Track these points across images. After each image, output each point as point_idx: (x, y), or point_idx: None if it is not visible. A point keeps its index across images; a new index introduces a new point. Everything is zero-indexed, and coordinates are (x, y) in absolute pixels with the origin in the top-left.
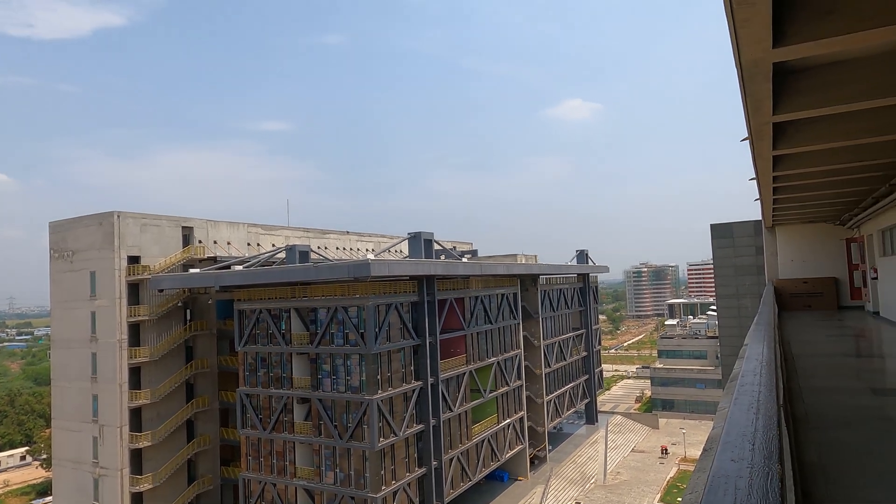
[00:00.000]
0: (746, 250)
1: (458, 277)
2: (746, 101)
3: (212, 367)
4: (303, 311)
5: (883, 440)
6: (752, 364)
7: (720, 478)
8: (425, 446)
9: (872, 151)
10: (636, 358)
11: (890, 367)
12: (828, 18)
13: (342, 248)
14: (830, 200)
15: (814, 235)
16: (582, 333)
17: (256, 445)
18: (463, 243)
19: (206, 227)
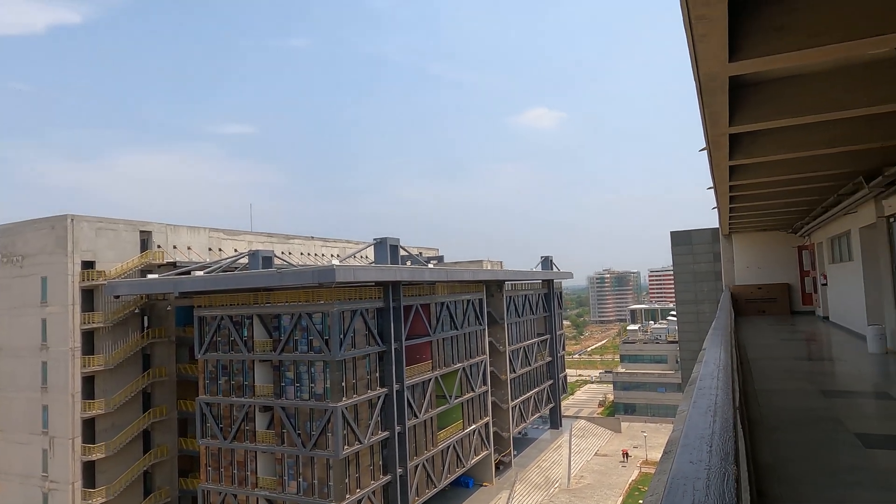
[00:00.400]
0: (704, 257)
1: (425, 283)
2: (704, 112)
3: (170, 376)
4: (266, 318)
5: (832, 440)
6: (709, 368)
7: (679, 479)
8: (390, 453)
9: (822, 163)
10: (599, 363)
11: (839, 370)
12: (779, 35)
13: (307, 253)
14: (783, 209)
15: (768, 243)
16: (547, 339)
17: (216, 455)
18: (429, 249)
19: (165, 232)
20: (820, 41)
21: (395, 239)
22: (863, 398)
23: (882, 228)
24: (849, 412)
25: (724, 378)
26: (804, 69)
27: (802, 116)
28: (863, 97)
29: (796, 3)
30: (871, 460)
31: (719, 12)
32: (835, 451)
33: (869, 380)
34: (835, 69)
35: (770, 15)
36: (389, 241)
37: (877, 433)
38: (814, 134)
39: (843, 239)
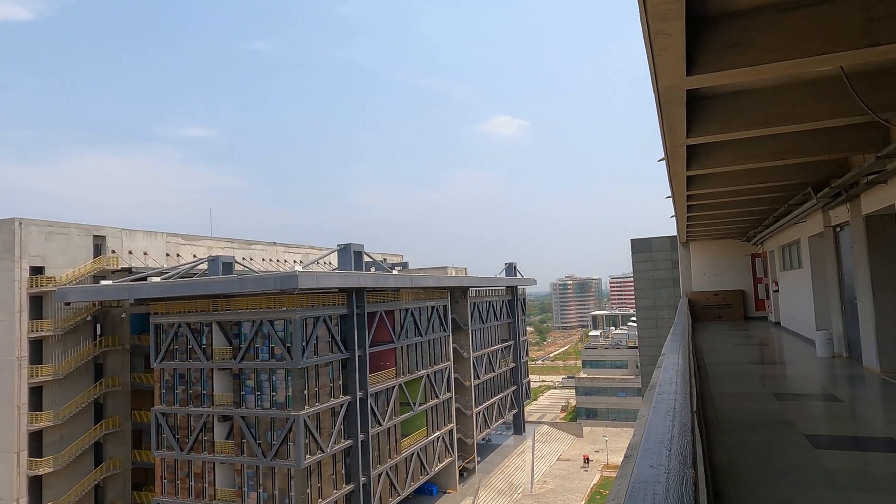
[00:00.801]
0: (663, 264)
1: (389, 290)
2: (663, 124)
3: (124, 386)
4: (225, 325)
5: (783, 441)
6: (668, 374)
7: (640, 484)
8: (353, 462)
9: (773, 174)
10: (562, 368)
11: (789, 373)
12: (733, 51)
13: (269, 259)
14: (738, 218)
15: (723, 251)
16: (510, 345)
17: (172, 467)
18: (393, 255)
19: (120, 236)
20: (771, 58)
21: (359, 245)
22: (812, 400)
23: (829, 237)
24: (799, 414)
25: (683, 383)
26: (756, 84)
27: (754, 129)
28: (810, 112)
29: (750, 21)
30: (819, 460)
31: (677, 28)
32: (786, 452)
33: (817, 383)
34: (784, 85)
35: (725, 32)
36: (353, 248)
37: (824, 434)
38: (765, 146)
39: (794, 247)
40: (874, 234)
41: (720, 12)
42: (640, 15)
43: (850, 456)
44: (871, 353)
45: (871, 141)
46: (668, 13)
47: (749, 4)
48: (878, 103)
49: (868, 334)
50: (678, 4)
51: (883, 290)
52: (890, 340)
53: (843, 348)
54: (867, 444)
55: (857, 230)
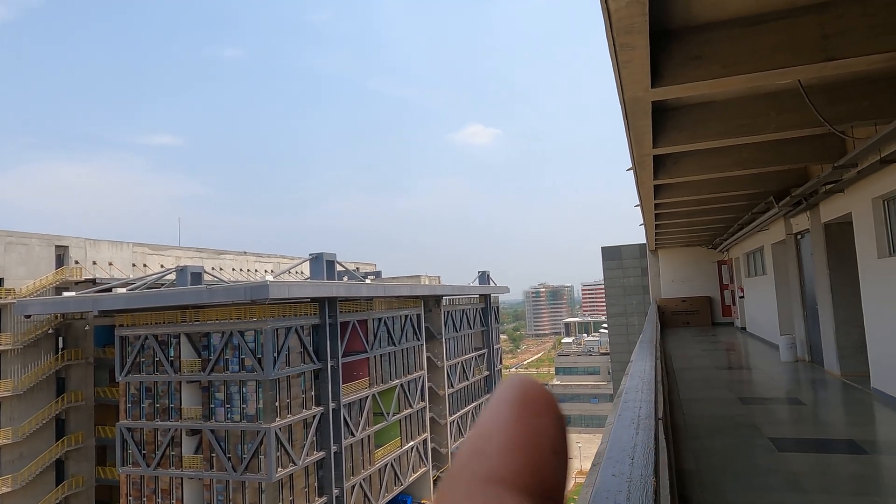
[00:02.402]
0: (633, 271)
1: (362, 299)
2: (630, 134)
3: (87, 400)
4: (194, 337)
5: (749, 445)
6: (634, 381)
7: (602, 493)
8: (326, 474)
9: (736, 184)
10: (536, 375)
11: (755, 378)
12: (696, 64)
13: (239, 269)
14: (704, 226)
15: (691, 258)
16: (484, 353)
17: (139, 484)
18: (367, 264)
19: (84, 247)
20: (733, 71)
21: (332, 254)
22: (776, 404)
23: (791, 244)
24: (764, 418)
25: (649, 390)
26: (719, 96)
27: (718, 140)
28: (770, 124)
29: (712, 35)
30: (783, 463)
31: (642, 41)
32: (751, 455)
33: (782, 387)
34: (746, 97)
35: (689, 45)
36: (325, 257)
37: (788, 437)
38: (729, 156)
39: (758, 254)
40: (833, 241)
41: (684, 26)
42: (606, 28)
43: (813, 458)
44: (831, 357)
45: (828, 152)
46: (633, 26)
47: (711, 18)
48: (833, 115)
49: (828, 339)
50: (642, 18)
51: (842, 296)
52: (849, 345)
53: (805, 353)
54: (829, 447)
55: (816, 238)
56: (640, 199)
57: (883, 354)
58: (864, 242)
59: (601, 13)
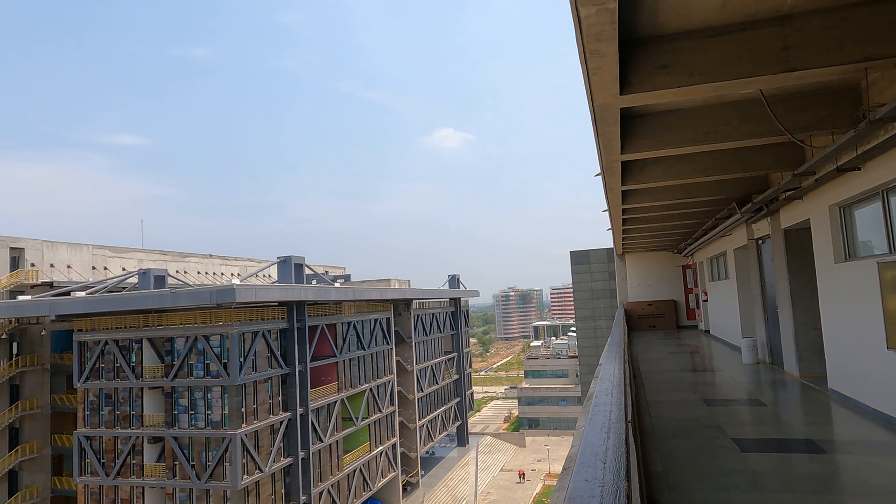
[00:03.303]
0: (601, 275)
1: (331, 303)
2: (599, 140)
3: (43, 408)
4: (157, 342)
5: (714, 446)
6: (605, 385)
7: (575, 498)
8: (294, 481)
9: (701, 190)
10: (505, 379)
11: (718, 379)
12: (663, 72)
13: (205, 272)
14: (670, 231)
15: (657, 262)
16: (454, 357)
17: (97, 494)
18: (336, 268)
19: (40, 249)
20: (698, 80)
21: (300, 257)
22: (739, 405)
23: (752, 249)
24: (727, 419)
25: (618, 394)
26: (685, 104)
27: (684, 147)
28: (734, 132)
29: (679, 44)
30: (746, 463)
31: (611, 48)
32: (716, 456)
33: (744, 388)
34: (711, 106)
35: (656, 53)
36: (294, 260)
37: (750, 438)
38: (694, 163)
39: (721, 259)
40: (792, 246)
41: (652, 35)
42: (576, 35)
43: (774, 458)
44: (791, 358)
45: (788, 160)
46: (603, 34)
47: (678, 28)
48: (794, 125)
49: (788, 341)
50: (612, 26)
51: (800, 300)
52: (808, 346)
53: (766, 354)
54: (789, 446)
55: (777, 243)
56: (609, 204)
57: (839, 356)
58: (822, 248)
59: (572, 21)
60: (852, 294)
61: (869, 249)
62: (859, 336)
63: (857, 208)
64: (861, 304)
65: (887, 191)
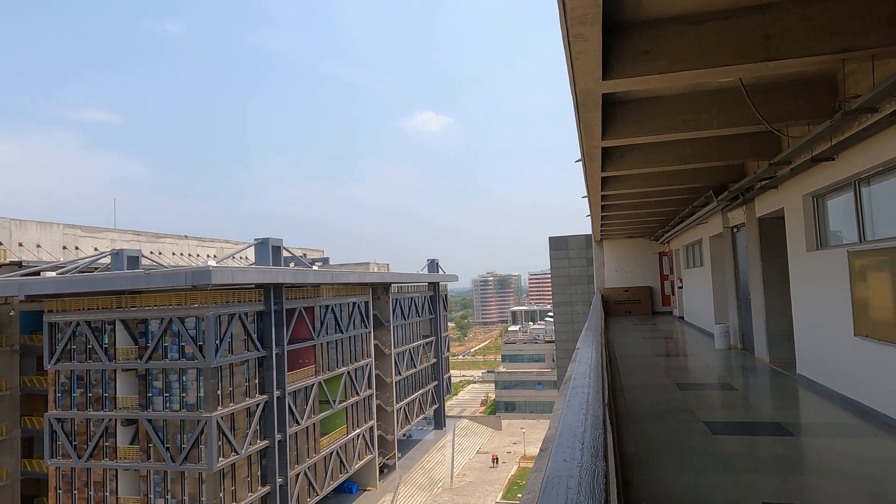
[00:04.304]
0: (579, 261)
1: (309, 286)
2: (580, 126)
3: (12, 390)
4: (130, 323)
5: (685, 429)
6: (582, 368)
7: (554, 478)
8: (270, 463)
9: (679, 178)
10: (482, 363)
11: (691, 364)
12: (644, 58)
13: (180, 253)
14: (647, 218)
15: (634, 249)
16: (432, 341)
17: (69, 476)
18: (314, 251)
19: (8, 227)
20: (678, 67)
21: (278, 240)
22: (710, 390)
23: (727, 237)
24: (699, 403)
25: (595, 377)
26: (666, 91)
27: (663, 134)
28: (712, 120)
29: (661, 30)
30: (716, 445)
31: (594, 33)
32: (688, 439)
33: (716, 373)
34: (690, 94)
35: (638, 39)
36: (271, 242)
37: (721, 421)
38: (672, 151)
39: (696, 246)
40: (766, 235)
41: (634, 20)
42: (560, 18)
43: (743, 440)
44: (761, 344)
45: (765, 149)
46: (587, 17)
47: (660, 14)
48: (771, 114)
49: (759, 327)
50: (596, 9)
51: (772, 287)
52: (778, 333)
53: (738, 340)
54: (757, 429)
55: (751, 231)
56: (588, 190)
57: (808, 342)
58: (795, 237)
59: (556, 4)
60: (823, 282)
61: (839, 239)
62: (828, 323)
63: (829, 198)
64: (831, 292)
65: (859, 181)
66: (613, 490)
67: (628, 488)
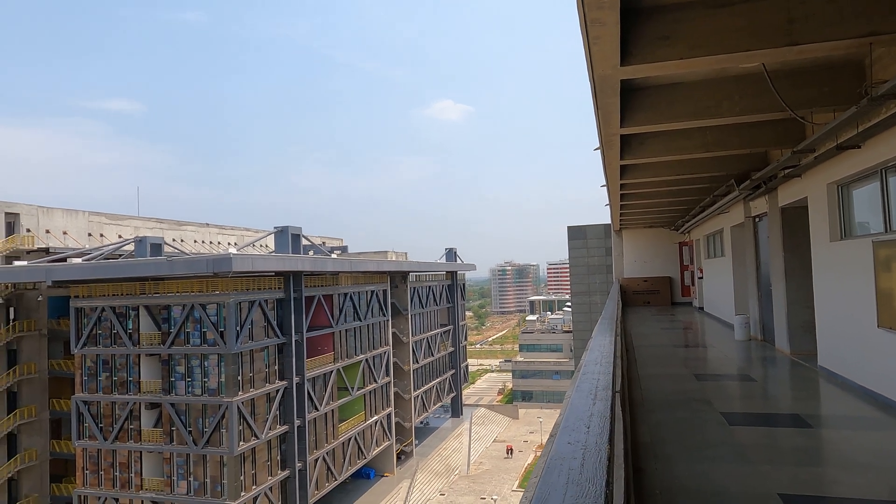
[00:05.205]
0: (598, 251)
1: (327, 274)
2: (598, 113)
3: (41, 373)
4: (154, 309)
5: (701, 419)
6: (594, 355)
7: (556, 460)
8: (289, 448)
9: (699, 166)
10: (500, 352)
11: (710, 355)
12: (665, 44)
13: (201, 241)
14: (667, 208)
15: (653, 239)
16: (449, 329)
17: (95, 457)
18: (333, 239)
19: (36, 215)
20: (699, 52)
21: (297, 228)
22: (729, 380)
23: (749, 227)
24: (717, 393)
25: (607, 364)
26: (686, 77)
27: (683, 121)
28: (734, 107)
29: (681, 15)
30: (733, 436)
31: (612, 17)
32: (703, 429)
33: (735, 364)
34: (712, 80)
35: (658, 24)
36: (291, 230)
37: (739, 412)
38: (693, 138)
39: (717, 236)
40: (788, 225)
41: (653, 4)
42: (577, 2)
43: (761, 431)
44: (782, 336)
45: (788, 136)
46: (604, 1)
47: None
48: (795, 100)
49: (780, 319)
50: None
51: (794, 278)
52: (799, 325)
53: (758, 332)
54: (776, 421)
55: (773, 221)
56: (607, 179)
57: (830, 334)
58: (818, 226)
59: None
60: (846, 272)
61: (865, 229)
62: (851, 314)
63: (855, 187)
64: (854, 283)
65: (886, 170)
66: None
67: (641, 476)
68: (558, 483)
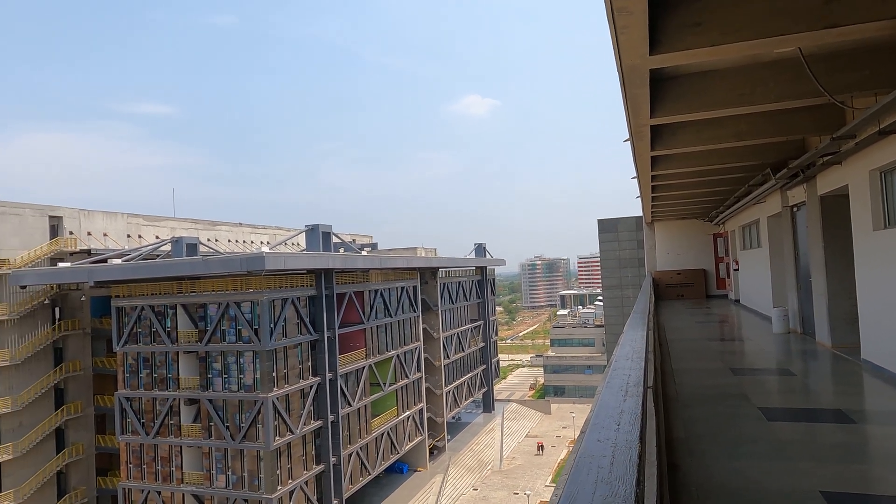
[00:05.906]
0: (629, 244)
1: (358, 271)
2: (627, 104)
3: (85, 370)
4: (190, 308)
5: (738, 414)
6: (625, 349)
7: (586, 458)
8: (324, 443)
9: (733, 155)
10: (531, 347)
11: (747, 349)
12: (696, 31)
13: (235, 240)
14: (700, 199)
15: (687, 231)
16: (480, 325)
17: (138, 452)
18: (363, 236)
19: (77, 217)
20: (732, 38)
21: (328, 226)
22: (767, 375)
23: (787, 217)
24: (754, 388)
25: (639, 359)
26: (718, 65)
27: (716, 110)
28: (769, 94)
29: (711, 0)
30: (771, 432)
31: (640, 5)
32: (740, 424)
33: (773, 358)
34: (745, 66)
35: (688, 11)
36: (321, 228)
37: (778, 407)
38: (726, 127)
39: (753, 227)
40: (828, 214)
41: None
42: None
43: (801, 427)
44: (823, 328)
45: (827, 123)
46: None
47: None
48: (833, 85)
49: (821, 311)
50: None
51: (835, 269)
52: (841, 316)
53: (797, 324)
54: (817, 416)
55: (812, 210)
56: (637, 170)
57: (874, 325)
58: (860, 215)
59: None
60: (891, 262)
61: None
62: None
63: None
64: None
65: None
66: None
67: (676, 473)
68: (587, 482)
